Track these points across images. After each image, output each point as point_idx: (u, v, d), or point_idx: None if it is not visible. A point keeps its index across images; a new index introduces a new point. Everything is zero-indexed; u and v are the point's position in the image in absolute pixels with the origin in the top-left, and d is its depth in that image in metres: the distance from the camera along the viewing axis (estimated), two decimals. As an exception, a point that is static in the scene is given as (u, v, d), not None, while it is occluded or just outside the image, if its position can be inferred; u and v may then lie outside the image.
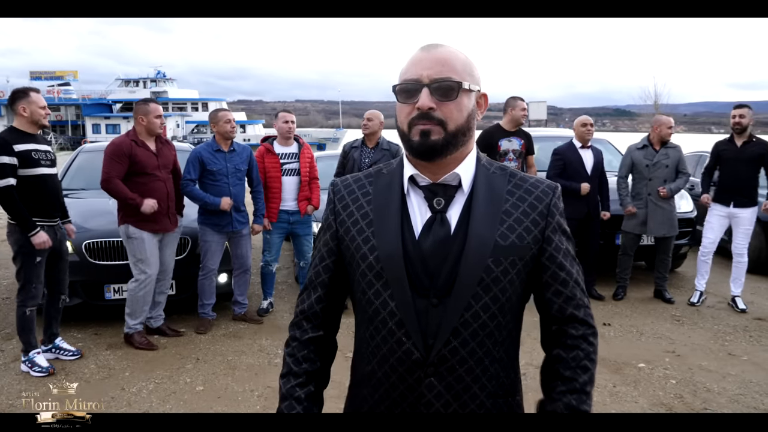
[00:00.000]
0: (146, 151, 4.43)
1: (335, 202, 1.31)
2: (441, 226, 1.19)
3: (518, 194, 1.23)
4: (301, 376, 1.30)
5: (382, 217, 1.22)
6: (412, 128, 1.17)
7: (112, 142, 4.50)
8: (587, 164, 5.75)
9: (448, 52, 1.19)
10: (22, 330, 4.03)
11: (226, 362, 4.32)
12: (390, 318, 1.19)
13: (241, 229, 4.99)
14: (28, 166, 3.86)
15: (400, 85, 1.19)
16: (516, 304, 1.22)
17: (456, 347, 1.17)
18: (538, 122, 25.97)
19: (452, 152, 1.18)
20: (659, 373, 4.16)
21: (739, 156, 5.42)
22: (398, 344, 1.19)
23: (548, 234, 1.22)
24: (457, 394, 1.18)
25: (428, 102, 1.14)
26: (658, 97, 37.15)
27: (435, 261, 1.17)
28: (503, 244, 1.18)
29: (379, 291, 1.20)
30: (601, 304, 5.73)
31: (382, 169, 1.31)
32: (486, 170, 1.25)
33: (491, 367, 1.20)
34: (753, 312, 5.52)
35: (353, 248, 1.24)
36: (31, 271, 3.93)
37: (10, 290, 6.06)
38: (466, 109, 1.19)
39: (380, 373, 1.22)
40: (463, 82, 1.17)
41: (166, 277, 4.71)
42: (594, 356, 1.24)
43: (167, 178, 4.56)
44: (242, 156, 4.98)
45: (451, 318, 1.16)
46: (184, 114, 63.07)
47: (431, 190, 1.21)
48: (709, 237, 5.64)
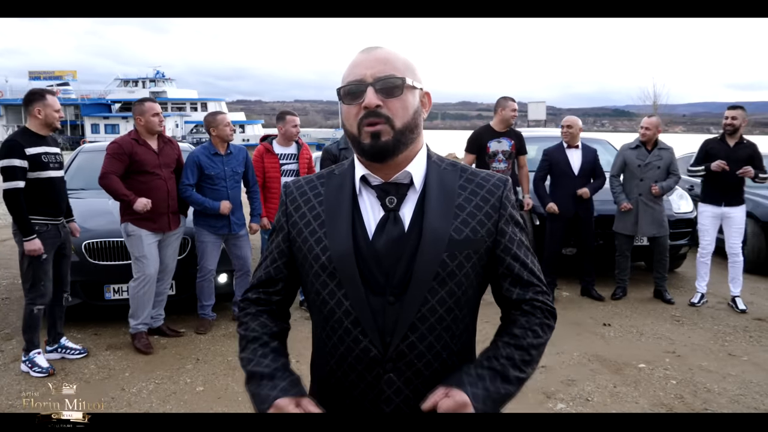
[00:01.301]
0: (147, 150, 4.44)
1: (287, 204, 1.32)
2: (394, 225, 1.20)
3: (470, 188, 1.25)
4: (259, 337, 1.29)
5: (334, 217, 1.24)
6: (361, 129, 1.18)
7: (113, 141, 4.54)
8: (574, 164, 5.81)
9: (388, 52, 1.21)
10: (27, 328, 4.02)
11: (226, 362, 4.31)
12: (345, 317, 1.20)
13: (239, 231, 4.98)
14: (38, 169, 3.91)
15: (344, 87, 1.20)
16: (472, 297, 1.24)
17: (414, 342, 1.18)
18: (537, 122, 25.99)
19: (402, 151, 1.20)
20: (659, 373, 4.16)
21: (731, 156, 5.44)
22: (355, 342, 1.20)
23: (501, 226, 1.24)
24: (417, 388, 1.19)
25: (374, 100, 1.16)
26: (657, 97, 37.22)
27: (389, 259, 1.19)
28: (458, 238, 1.19)
29: (334, 291, 1.21)
30: (600, 305, 5.74)
31: (334, 170, 1.32)
32: (437, 166, 1.27)
33: (449, 360, 1.22)
34: (753, 312, 5.52)
35: (305, 249, 1.25)
36: (39, 270, 3.96)
37: (9, 290, 6.05)
38: (412, 106, 1.20)
39: (339, 373, 1.23)
40: (406, 79, 1.18)
41: (167, 277, 4.70)
42: (547, 329, 1.25)
43: (169, 177, 4.55)
44: (239, 158, 4.97)
45: (407, 314, 1.17)
46: (183, 114, 63.03)
47: (383, 189, 1.23)
48: (706, 239, 5.66)
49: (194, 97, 66.75)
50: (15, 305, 5.55)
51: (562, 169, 5.80)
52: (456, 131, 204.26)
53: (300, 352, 2.25)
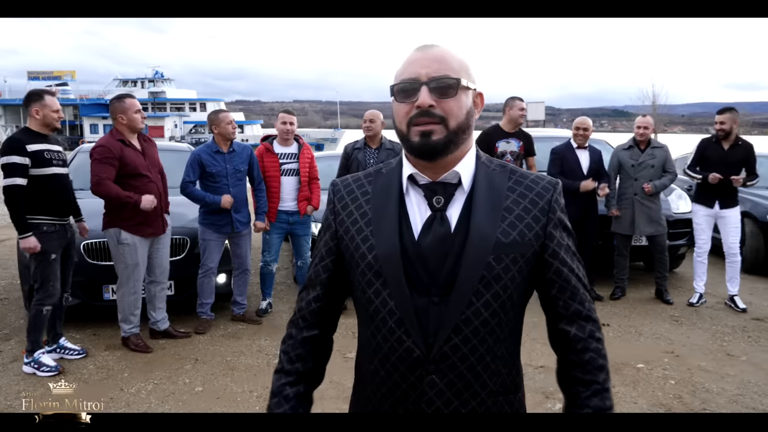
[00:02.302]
0: (134, 152, 4.34)
1: (335, 202, 1.31)
2: (441, 225, 1.19)
3: (519, 191, 1.23)
4: (292, 374, 1.31)
5: (381, 216, 1.23)
6: (411, 128, 1.17)
7: (97, 144, 4.33)
8: (583, 164, 5.81)
9: (444, 51, 1.19)
10: (33, 329, 4.01)
11: (225, 363, 4.31)
12: (389, 317, 1.19)
13: (242, 230, 4.98)
14: (41, 166, 3.90)
15: (398, 84, 1.19)
16: (518, 301, 1.22)
17: (457, 344, 1.17)
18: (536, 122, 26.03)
19: (453, 151, 1.18)
20: (658, 373, 4.17)
21: (725, 160, 5.47)
22: (398, 342, 1.19)
23: (550, 230, 1.22)
24: (459, 391, 1.18)
25: (428, 99, 1.14)
26: (655, 97, 37.26)
27: (435, 259, 1.17)
28: (505, 241, 1.17)
29: (379, 290, 1.20)
30: (599, 305, 5.73)
31: (382, 169, 1.31)
32: (486, 167, 1.25)
33: (493, 364, 1.20)
34: (751, 312, 5.52)
35: (352, 248, 1.25)
36: (48, 270, 3.96)
37: (8, 290, 6.05)
38: (465, 106, 1.19)
39: (383, 372, 1.22)
40: (461, 79, 1.17)
41: (163, 278, 4.66)
42: (604, 351, 1.25)
43: (158, 178, 4.48)
44: (242, 156, 4.97)
45: (452, 315, 1.16)
46: (182, 114, 62.99)
47: (430, 188, 1.21)
48: (702, 238, 5.68)
49: (193, 98, 66.71)
50: (13, 305, 5.54)
51: (572, 169, 5.77)
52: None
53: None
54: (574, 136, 5.89)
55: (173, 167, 5.73)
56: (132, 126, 4.34)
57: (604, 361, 1.24)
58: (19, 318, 5.11)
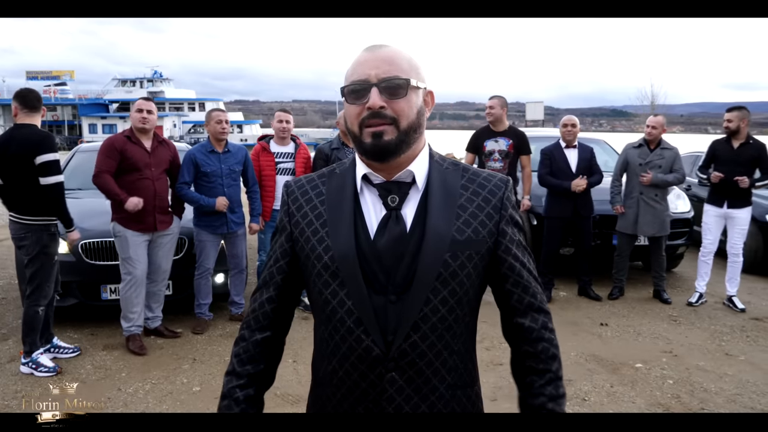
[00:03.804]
0: (140, 149, 4.42)
1: (289, 203, 1.31)
2: (396, 224, 1.20)
3: (472, 189, 1.25)
4: (243, 377, 1.31)
5: (336, 216, 1.23)
6: (363, 129, 1.18)
7: (107, 138, 4.58)
8: (572, 163, 5.82)
9: (393, 51, 1.20)
10: (30, 330, 4.01)
11: (223, 363, 4.30)
12: (348, 316, 1.20)
13: (237, 230, 4.98)
14: None
15: (348, 86, 1.20)
16: (473, 297, 1.25)
17: (416, 341, 1.18)
18: (535, 122, 26.04)
19: (405, 150, 1.19)
20: (656, 373, 4.17)
21: (735, 158, 5.44)
22: (357, 342, 1.19)
23: (502, 227, 1.24)
24: (418, 387, 1.20)
25: (379, 101, 1.15)
26: (654, 97, 37.26)
27: (391, 258, 1.19)
28: (460, 238, 1.19)
29: (336, 290, 1.21)
30: (598, 305, 5.74)
31: (335, 169, 1.32)
32: (439, 166, 1.26)
33: (450, 359, 1.22)
34: (750, 312, 5.53)
35: (308, 249, 1.25)
36: (51, 271, 4.03)
37: (6, 291, 6.04)
38: (416, 105, 1.20)
39: (341, 372, 1.23)
40: (410, 80, 1.18)
41: (161, 278, 4.66)
42: (556, 341, 1.30)
43: (157, 177, 4.49)
44: (237, 157, 4.97)
45: (410, 313, 1.17)
46: (181, 114, 62.99)
47: (385, 188, 1.22)
48: (709, 238, 5.66)
49: (192, 97, 66.73)
50: (11, 305, 5.53)
51: (561, 168, 5.80)
52: (454, 131, 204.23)
53: (297, 352, 2.25)
54: (563, 133, 5.92)
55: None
56: (133, 124, 4.47)
57: (556, 350, 1.29)
58: (17, 318, 5.09)
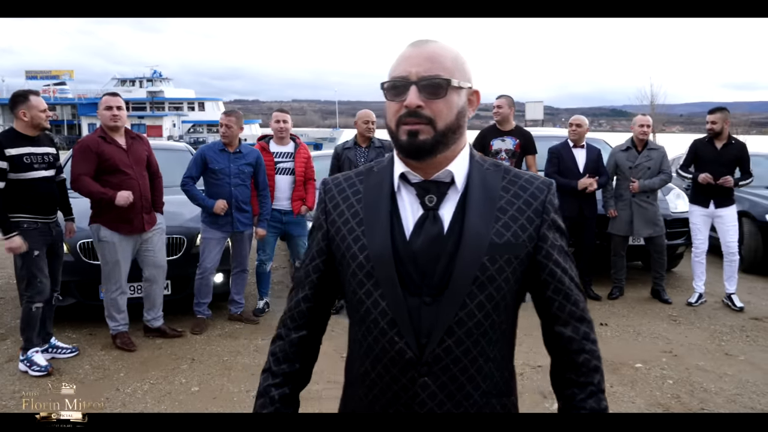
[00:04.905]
0: (115, 148, 4.28)
1: (326, 202, 1.29)
2: (433, 224, 1.17)
3: (513, 191, 1.20)
4: (278, 376, 1.31)
5: (372, 215, 1.20)
6: (400, 127, 1.15)
7: (79, 140, 4.42)
8: (580, 163, 5.83)
9: (438, 48, 1.16)
10: (26, 327, 4.00)
11: (221, 363, 4.29)
12: (381, 317, 1.17)
13: (244, 230, 4.99)
14: (19, 171, 3.87)
15: (388, 82, 1.17)
16: (511, 302, 1.21)
17: (450, 346, 1.15)
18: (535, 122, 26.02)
19: (442, 151, 1.16)
20: (656, 373, 4.16)
21: (718, 159, 5.48)
22: (390, 344, 1.17)
23: (543, 231, 1.20)
24: (451, 393, 1.16)
25: (416, 100, 1.12)
26: (654, 97, 37.20)
27: (426, 259, 1.15)
28: (498, 242, 1.15)
29: (370, 290, 1.18)
30: (597, 305, 5.73)
31: (373, 167, 1.29)
32: (480, 167, 1.23)
33: (485, 366, 1.18)
34: (749, 312, 5.52)
35: (344, 248, 1.23)
36: (32, 266, 3.93)
37: (4, 290, 6.03)
38: (456, 106, 1.16)
39: (374, 374, 1.20)
40: (452, 80, 1.14)
41: (160, 277, 4.63)
42: (598, 352, 1.25)
43: (141, 176, 4.40)
44: (248, 158, 4.97)
45: (445, 316, 1.14)
46: (180, 114, 62.92)
47: (423, 187, 1.19)
48: (699, 238, 5.68)
49: (191, 97, 66.64)
50: (9, 305, 5.52)
51: (569, 167, 5.80)
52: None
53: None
54: (570, 132, 5.93)
55: (170, 166, 5.72)
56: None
57: (598, 362, 1.23)
58: (15, 318, 5.08)
